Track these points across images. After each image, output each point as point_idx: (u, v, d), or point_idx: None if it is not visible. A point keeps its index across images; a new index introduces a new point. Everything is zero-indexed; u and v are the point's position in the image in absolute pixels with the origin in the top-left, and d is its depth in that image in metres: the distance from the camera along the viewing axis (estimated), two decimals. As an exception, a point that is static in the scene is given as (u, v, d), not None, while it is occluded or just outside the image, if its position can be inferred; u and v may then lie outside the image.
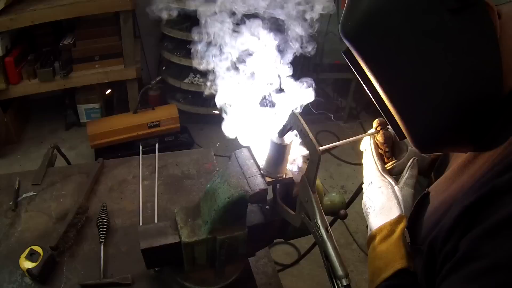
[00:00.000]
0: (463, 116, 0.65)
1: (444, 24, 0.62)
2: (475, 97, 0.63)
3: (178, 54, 3.43)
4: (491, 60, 0.62)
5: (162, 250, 0.93)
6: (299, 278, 2.37)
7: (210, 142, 3.50)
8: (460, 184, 0.70)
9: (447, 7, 0.61)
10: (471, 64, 0.62)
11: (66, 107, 3.52)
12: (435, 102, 0.65)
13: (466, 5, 0.61)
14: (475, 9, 0.61)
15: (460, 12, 0.61)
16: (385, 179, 0.93)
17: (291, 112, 0.79)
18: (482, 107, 0.64)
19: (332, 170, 3.26)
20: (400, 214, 0.84)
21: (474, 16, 0.61)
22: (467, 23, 0.61)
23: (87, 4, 2.86)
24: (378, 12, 0.67)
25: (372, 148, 1.00)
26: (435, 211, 0.74)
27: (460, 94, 0.63)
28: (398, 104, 0.71)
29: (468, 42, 0.62)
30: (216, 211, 0.89)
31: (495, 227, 0.55)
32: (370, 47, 0.70)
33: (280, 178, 0.88)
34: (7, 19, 2.70)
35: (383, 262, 0.80)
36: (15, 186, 1.47)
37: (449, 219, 0.63)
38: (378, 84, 0.71)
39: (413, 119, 0.70)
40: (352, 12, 0.71)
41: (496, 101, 0.63)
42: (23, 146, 3.33)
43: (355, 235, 2.68)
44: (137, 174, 1.59)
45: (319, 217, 0.75)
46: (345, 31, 0.72)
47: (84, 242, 1.29)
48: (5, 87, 2.94)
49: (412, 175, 0.93)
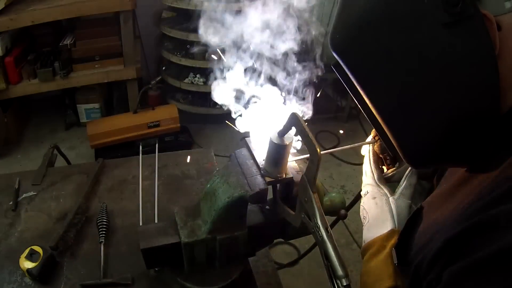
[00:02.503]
0: (455, 133, 0.62)
1: (436, 39, 0.59)
2: (469, 115, 0.61)
3: (178, 54, 3.43)
4: (487, 77, 0.58)
5: (162, 250, 0.93)
6: (299, 278, 2.37)
7: (210, 142, 3.50)
8: (452, 206, 0.67)
9: (440, 21, 0.58)
10: (464, 81, 0.59)
11: (66, 107, 3.52)
12: (426, 119, 0.63)
13: (460, 19, 0.57)
14: (471, 22, 0.57)
15: (454, 26, 0.57)
16: (381, 189, 0.91)
17: (291, 113, 0.79)
18: (476, 125, 0.61)
19: (332, 170, 3.26)
20: (392, 229, 0.83)
21: (469, 30, 0.57)
22: (462, 37, 0.58)
23: (87, 4, 2.86)
24: (367, 26, 0.64)
25: (370, 156, 0.98)
26: (425, 231, 0.72)
27: (452, 110, 0.61)
28: (389, 119, 0.69)
29: (462, 58, 0.58)
30: (216, 211, 0.89)
31: (477, 265, 0.53)
32: (359, 62, 0.68)
33: (280, 178, 0.88)
34: (7, 19, 2.69)
35: (371, 279, 0.79)
36: (15, 186, 1.47)
37: (434, 245, 0.62)
38: (368, 99, 0.69)
39: (404, 134, 0.68)
40: (341, 24, 0.69)
41: (492, 119, 0.60)
42: (23, 146, 3.33)
43: (355, 235, 2.68)
44: (137, 174, 1.59)
45: (319, 217, 0.75)
46: (334, 44, 0.70)
47: (84, 242, 1.29)
48: (5, 87, 2.94)
49: (409, 184, 0.90)
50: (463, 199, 0.64)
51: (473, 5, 0.56)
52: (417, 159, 0.71)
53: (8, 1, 2.75)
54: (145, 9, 3.51)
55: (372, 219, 0.88)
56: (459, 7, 0.56)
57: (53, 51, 3.16)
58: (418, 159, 0.71)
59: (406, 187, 0.90)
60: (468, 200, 0.62)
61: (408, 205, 0.88)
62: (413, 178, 0.91)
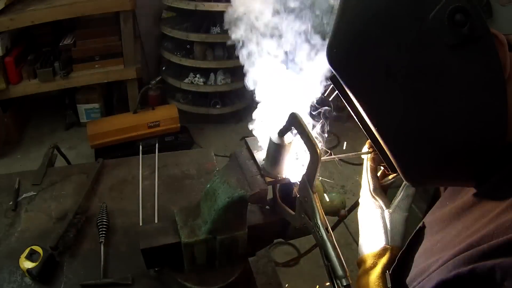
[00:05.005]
0: (457, 157, 0.59)
1: (441, 60, 0.54)
2: (472, 140, 0.57)
3: (178, 54, 3.43)
4: (493, 103, 0.54)
5: (162, 250, 0.93)
6: (299, 278, 2.37)
7: (210, 142, 3.50)
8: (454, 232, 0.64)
9: (445, 42, 0.52)
10: (469, 106, 0.55)
11: (66, 107, 3.53)
12: (427, 140, 0.60)
13: (467, 41, 0.51)
14: (479, 44, 0.51)
15: (461, 48, 0.52)
16: (376, 201, 0.89)
17: (291, 113, 0.79)
18: (480, 151, 0.57)
19: (332, 170, 3.26)
20: (384, 246, 0.82)
21: (477, 53, 0.52)
22: (468, 60, 0.53)
23: (87, 4, 2.86)
24: (367, 42, 0.60)
25: (367, 165, 0.94)
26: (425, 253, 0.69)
27: (455, 134, 0.57)
28: (388, 137, 0.65)
29: (467, 82, 0.54)
30: (216, 211, 0.89)
31: None
32: (357, 78, 0.64)
33: (280, 178, 0.88)
34: (7, 19, 2.69)
35: None
36: (15, 186, 1.47)
37: (429, 284, 0.59)
38: (366, 116, 0.66)
39: (403, 154, 0.65)
40: (338, 38, 0.65)
41: (498, 145, 0.56)
42: (23, 146, 3.33)
43: (355, 235, 2.68)
44: (137, 174, 1.59)
45: (319, 217, 0.75)
46: (330, 58, 0.66)
47: (84, 242, 1.29)
48: (5, 87, 2.94)
49: (406, 195, 0.87)
50: (466, 227, 0.62)
51: (482, 25, 0.51)
52: (416, 179, 0.68)
53: (8, 1, 2.75)
54: (145, 9, 3.51)
55: (367, 231, 0.86)
56: (466, 28, 0.51)
57: (53, 51, 3.17)
58: (417, 179, 0.68)
59: (402, 199, 0.87)
60: (470, 232, 0.59)
61: (404, 218, 0.86)
62: (410, 189, 0.88)
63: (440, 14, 0.52)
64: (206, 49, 3.40)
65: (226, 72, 3.51)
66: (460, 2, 0.50)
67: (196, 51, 3.38)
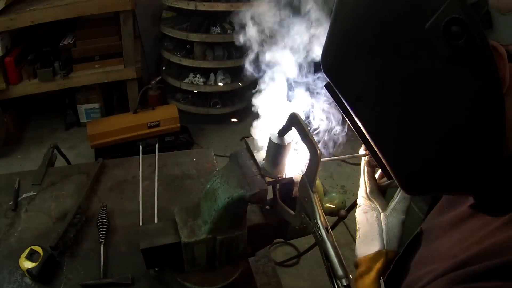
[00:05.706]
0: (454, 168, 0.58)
1: (437, 72, 0.52)
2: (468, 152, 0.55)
3: (178, 54, 3.43)
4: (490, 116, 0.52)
5: (162, 250, 0.93)
6: (299, 278, 2.37)
7: (210, 142, 3.50)
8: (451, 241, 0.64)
9: (441, 54, 0.51)
10: (466, 119, 0.53)
11: (66, 107, 3.53)
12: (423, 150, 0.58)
13: (464, 53, 0.49)
14: (477, 57, 0.49)
15: (457, 61, 0.50)
16: (372, 204, 0.88)
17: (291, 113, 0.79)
18: (477, 163, 0.56)
19: (332, 170, 3.26)
20: (379, 249, 0.82)
21: (474, 65, 0.50)
22: (466, 74, 0.51)
23: (87, 4, 2.86)
24: (361, 51, 0.58)
25: (363, 167, 0.94)
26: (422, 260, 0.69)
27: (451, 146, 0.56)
28: (383, 146, 0.64)
29: (464, 95, 0.52)
30: (216, 211, 0.89)
31: None
32: (352, 87, 0.63)
33: (280, 178, 0.88)
34: (7, 19, 2.69)
35: None
36: (15, 186, 1.47)
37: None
38: (362, 124, 0.65)
39: (399, 163, 0.63)
40: (332, 46, 0.64)
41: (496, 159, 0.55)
42: (23, 146, 3.33)
43: (355, 235, 2.68)
44: (137, 174, 1.59)
45: (319, 217, 0.75)
46: (325, 66, 0.66)
47: (84, 242, 1.29)
48: (5, 87, 2.94)
49: (404, 197, 0.86)
50: (461, 240, 0.61)
51: (480, 37, 0.48)
52: (412, 188, 0.67)
53: (8, 1, 2.75)
54: (145, 9, 3.51)
55: (362, 235, 0.87)
56: (463, 40, 0.48)
57: (53, 51, 3.17)
58: (413, 188, 0.67)
59: (399, 201, 0.86)
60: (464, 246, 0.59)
61: (400, 221, 0.85)
62: None
63: (435, 25, 0.50)
64: (206, 49, 3.40)
65: (226, 72, 3.51)
66: (457, 13, 0.48)
67: (196, 51, 3.38)
